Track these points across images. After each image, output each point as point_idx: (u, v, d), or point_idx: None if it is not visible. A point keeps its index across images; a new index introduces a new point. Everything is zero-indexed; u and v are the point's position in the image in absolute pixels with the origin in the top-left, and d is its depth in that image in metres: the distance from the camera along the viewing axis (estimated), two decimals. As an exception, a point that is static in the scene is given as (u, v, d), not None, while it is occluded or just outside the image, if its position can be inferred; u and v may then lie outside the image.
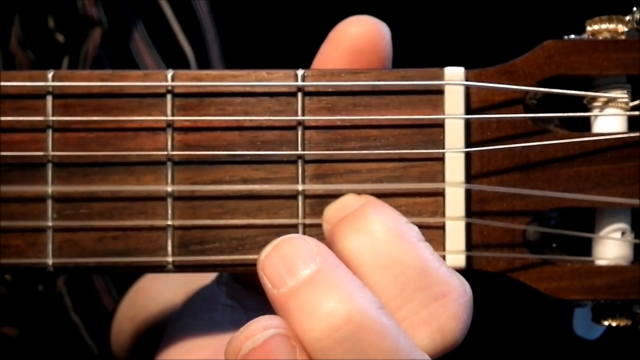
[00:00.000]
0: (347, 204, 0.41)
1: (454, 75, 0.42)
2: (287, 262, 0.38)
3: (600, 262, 0.44)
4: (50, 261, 0.43)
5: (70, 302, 0.70)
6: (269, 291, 0.39)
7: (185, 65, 0.73)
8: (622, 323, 0.44)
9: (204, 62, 0.73)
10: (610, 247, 0.44)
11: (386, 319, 0.38)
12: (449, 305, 0.39)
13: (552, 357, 0.66)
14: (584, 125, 0.44)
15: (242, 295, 0.49)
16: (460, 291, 0.39)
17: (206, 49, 0.74)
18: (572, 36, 0.45)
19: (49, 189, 0.43)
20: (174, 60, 0.72)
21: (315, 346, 0.37)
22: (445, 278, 0.39)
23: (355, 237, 0.39)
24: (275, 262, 0.39)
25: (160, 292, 0.61)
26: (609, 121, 0.44)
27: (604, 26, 0.44)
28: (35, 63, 0.69)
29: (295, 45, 0.71)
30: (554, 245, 0.44)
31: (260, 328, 0.38)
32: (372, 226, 0.39)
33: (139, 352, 0.62)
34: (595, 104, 0.44)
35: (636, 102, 0.44)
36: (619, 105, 0.44)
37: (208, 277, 0.54)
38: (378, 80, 0.42)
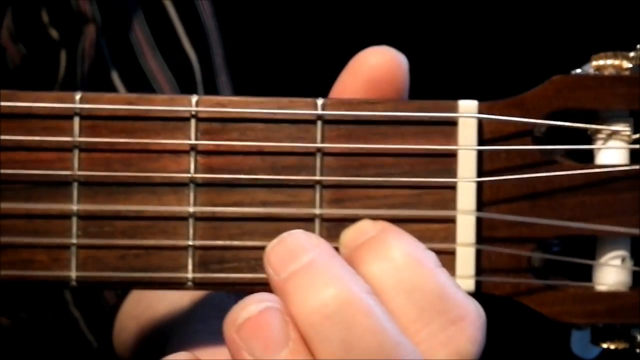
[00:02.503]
0: (365, 229, 0.43)
1: (467, 108, 0.44)
2: (289, 252, 0.41)
3: (601, 288, 0.46)
4: (73, 275, 0.44)
5: (71, 296, 0.71)
6: (272, 279, 0.41)
7: (189, 69, 0.73)
8: (620, 346, 0.46)
9: (207, 66, 0.74)
10: (610, 274, 0.46)
11: (373, 303, 0.40)
12: (466, 329, 0.41)
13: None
14: (589, 156, 0.46)
15: None
16: (476, 315, 0.41)
17: (209, 52, 0.75)
18: (579, 71, 0.47)
19: (74, 207, 0.45)
20: (177, 63, 0.73)
21: (305, 321, 0.40)
22: (462, 302, 0.41)
23: (376, 263, 0.41)
24: (279, 252, 0.42)
25: (167, 292, 0.63)
26: (611, 153, 0.46)
27: (609, 62, 0.46)
28: (27, 57, 0.70)
29: (300, 49, 0.73)
30: (557, 271, 0.46)
31: (255, 301, 0.41)
32: (392, 252, 0.41)
33: (143, 351, 0.64)
34: (599, 136, 0.46)
35: (637, 136, 0.46)
36: (622, 138, 0.46)
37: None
38: (395, 111, 0.44)
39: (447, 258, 0.44)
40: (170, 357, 0.42)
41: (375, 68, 0.44)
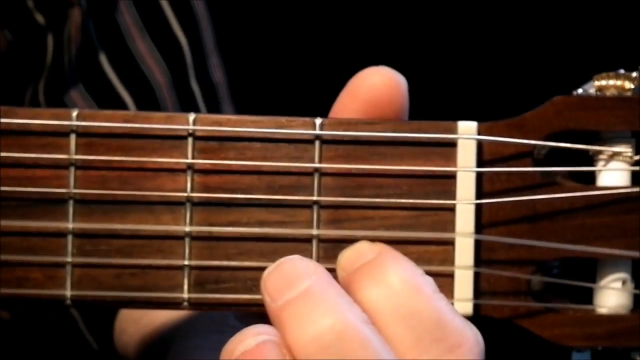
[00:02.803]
0: (362, 252, 0.43)
1: (466, 129, 0.44)
2: (286, 279, 0.41)
3: (601, 310, 0.45)
4: (68, 294, 0.44)
5: None
6: (268, 306, 0.41)
7: (179, 51, 0.73)
8: (620, 369, 0.46)
9: (197, 48, 0.73)
10: (611, 296, 0.45)
11: (370, 332, 0.40)
12: (464, 356, 0.40)
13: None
14: (590, 177, 0.46)
15: (251, 319, 0.50)
16: (474, 341, 0.41)
17: (199, 34, 0.74)
18: (580, 91, 0.46)
19: (70, 225, 0.44)
20: (167, 45, 0.72)
21: (302, 351, 0.40)
22: (460, 329, 0.41)
23: (374, 289, 0.41)
24: (276, 279, 0.42)
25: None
26: (613, 175, 0.45)
27: (611, 82, 0.46)
28: (13, 44, 0.69)
29: (293, 28, 0.72)
30: (557, 292, 0.46)
31: (252, 334, 0.41)
32: (389, 278, 0.41)
33: (143, 355, 0.63)
34: (601, 157, 0.46)
35: (639, 157, 0.45)
36: (624, 159, 0.46)
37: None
38: (394, 132, 0.44)
39: (445, 281, 0.44)
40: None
41: (374, 89, 0.44)
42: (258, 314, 0.49)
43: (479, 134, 0.44)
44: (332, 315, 0.40)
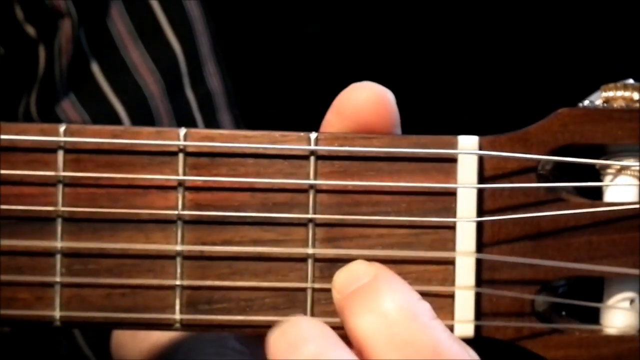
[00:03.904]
0: (358, 274, 0.41)
1: (467, 144, 0.42)
2: (291, 343, 0.40)
3: (609, 331, 0.44)
4: (57, 315, 0.43)
5: None
6: None
7: (173, 60, 0.71)
8: (628, 391, 0.44)
9: (192, 56, 0.72)
10: (618, 316, 0.44)
11: None
12: None
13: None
14: (597, 192, 0.44)
15: (251, 341, 0.49)
16: None
17: (195, 42, 0.73)
18: (586, 102, 0.44)
19: (58, 244, 0.43)
20: (161, 54, 0.71)
21: None
22: (458, 357, 0.39)
23: (368, 317, 0.39)
24: (280, 343, 0.40)
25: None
26: (621, 190, 0.44)
27: (619, 93, 0.44)
28: (5, 56, 0.68)
29: (290, 35, 0.71)
30: (563, 313, 0.44)
31: None
32: (384, 305, 0.39)
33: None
34: (609, 171, 0.44)
35: (649, 171, 0.44)
36: (632, 173, 0.44)
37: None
38: (391, 147, 0.42)
39: (445, 302, 0.42)
40: None
41: (360, 107, 0.42)
42: (255, 335, 0.48)
43: (480, 148, 0.43)
44: None
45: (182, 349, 0.55)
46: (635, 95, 0.44)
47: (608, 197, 0.44)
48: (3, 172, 0.43)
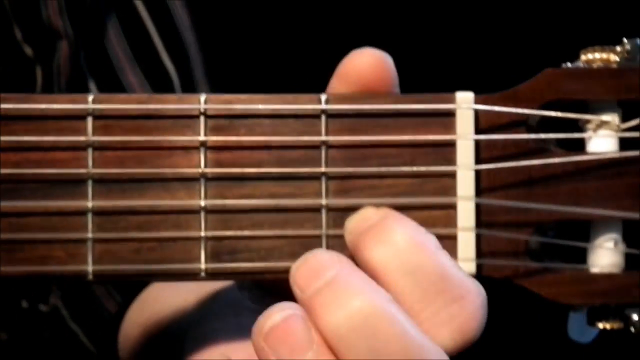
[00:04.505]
0: (368, 216, 0.45)
1: (464, 100, 0.47)
2: (313, 271, 0.44)
3: (595, 270, 0.48)
4: (90, 269, 0.46)
5: (67, 312, 0.72)
6: (299, 298, 0.44)
7: (169, 83, 0.74)
8: (615, 326, 0.48)
9: (187, 79, 0.75)
10: (604, 256, 0.48)
11: (396, 311, 0.43)
12: (467, 306, 0.43)
13: (547, 358, 0.71)
14: (579, 146, 0.49)
15: (267, 300, 0.52)
16: (477, 293, 0.43)
17: (189, 65, 0.76)
18: (569, 64, 0.49)
19: (89, 203, 0.46)
20: (157, 77, 0.74)
21: (333, 334, 0.42)
22: (463, 282, 0.43)
23: (379, 248, 0.43)
24: (304, 272, 0.44)
25: (172, 297, 0.64)
26: (601, 142, 0.48)
27: (597, 55, 0.49)
28: (2, 75, 0.71)
29: (281, 60, 0.74)
30: (554, 254, 0.49)
31: (278, 310, 0.44)
32: (394, 237, 0.44)
33: (150, 356, 0.65)
34: (589, 125, 0.48)
35: (627, 125, 0.48)
36: (611, 127, 0.48)
37: (222, 286, 0.57)
38: (395, 104, 0.46)
39: (448, 243, 0.46)
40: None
41: (362, 72, 0.46)
42: (273, 293, 0.52)
43: (475, 104, 0.47)
44: (359, 298, 0.42)
45: (197, 316, 0.58)
46: (612, 57, 0.49)
47: (590, 149, 0.48)
48: (37, 139, 0.46)
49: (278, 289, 0.48)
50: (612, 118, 0.48)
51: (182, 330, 0.57)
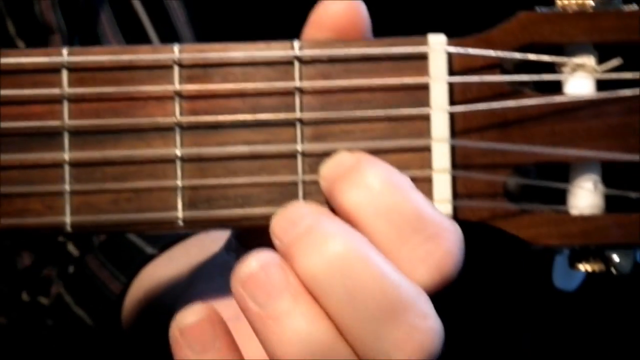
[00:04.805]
0: (342, 161, 0.45)
1: (436, 42, 0.47)
2: (290, 220, 0.44)
3: (575, 212, 0.48)
4: (68, 220, 0.46)
5: (71, 298, 0.73)
6: (279, 248, 0.44)
7: None
8: (596, 267, 0.48)
9: None
10: (583, 198, 0.48)
11: (371, 252, 0.43)
12: (443, 243, 0.43)
13: (532, 307, 0.71)
14: (556, 89, 0.49)
15: None
16: (452, 231, 0.43)
17: None
18: (544, 9, 0.49)
19: (66, 155, 0.47)
20: None
21: (311, 278, 0.43)
22: (438, 220, 0.43)
23: (354, 192, 0.44)
24: (281, 222, 0.45)
25: (165, 271, 0.65)
26: (578, 84, 0.48)
27: (573, 0, 0.48)
28: None
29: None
30: (533, 196, 0.48)
31: (254, 256, 0.44)
32: (368, 180, 0.44)
33: (148, 329, 0.65)
34: (566, 69, 0.48)
35: (603, 67, 0.48)
36: (587, 70, 0.48)
37: (210, 253, 0.57)
38: (368, 48, 0.46)
39: (424, 185, 0.46)
40: (185, 313, 0.45)
41: (336, 19, 0.46)
42: (252, 228, 0.52)
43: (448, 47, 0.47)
44: (335, 242, 0.43)
45: (187, 281, 0.58)
46: (588, 2, 0.49)
47: (567, 90, 0.48)
48: (12, 92, 0.47)
49: (262, 246, 0.48)
50: (589, 60, 0.48)
51: (175, 298, 0.57)
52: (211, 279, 0.54)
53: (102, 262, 0.71)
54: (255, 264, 0.44)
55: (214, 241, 0.61)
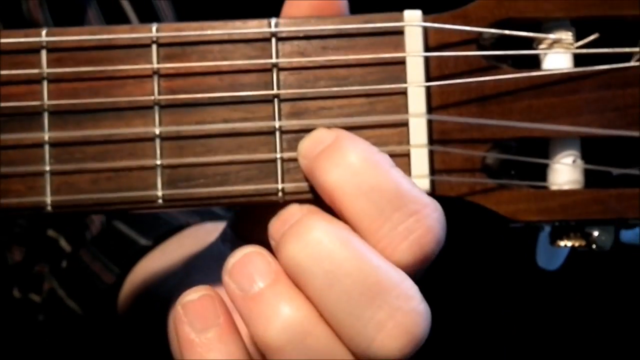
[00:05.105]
0: (321, 138, 0.46)
1: (412, 18, 0.47)
2: (282, 220, 0.46)
3: (554, 188, 0.48)
4: (48, 200, 0.46)
5: (64, 292, 0.73)
6: (274, 247, 0.46)
7: None
8: (577, 243, 0.48)
9: None
10: (563, 173, 0.48)
11: (350, 236, 0.44)
12: (424, 220, 0.43)
13: (516, 287, 0.70)
14: (534, 65, 0.49)
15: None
16: (432, 207, 0.43)
17: None
18: (520, -15, 0.49)
19: (46, 135, 0.47)
20: None
21: (290, 264, 0.44)
22: (418, 197, 0.43)
23: (335, 170, 0.44)
24: (276, 224, 0.46)
25: (160, 266, 0.65)
26: (556, 59, 0.48)
27: (550, -24, 0.49)
28: None
29: None
30: (513, 172, 0.48)
31: (240, 249, 0.45)
32: (349, 158, 0.44)
33: (145, 318, 0.65)
34: (542, 45, 0.48)
35: (581, 42, 0.48)
36: (565, 45, 0.48)
37: (205, 245, 0.57)
38: (344, 24, 0.47)
39: (402, 160, 0.46)
40: (188, 291, 0.46)
41: None
42: (252, 238, 0.52)
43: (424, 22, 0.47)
44: (317, 230, 0.44)
45: (184, 272, 0.58)
46: (564, -23, 0.49)
47: (545, 66, 0.48)
48: (-9, 73, 0.47)
49: (255, 237, 0.49)
50: (566, 36, 0.48)
51: (171, 290, 0.58)
52: (208, 270, 0.55)
53: (94, 255, 0.71)
54: (239, 254, 0.45)
55: (208, 233, 0.61)
